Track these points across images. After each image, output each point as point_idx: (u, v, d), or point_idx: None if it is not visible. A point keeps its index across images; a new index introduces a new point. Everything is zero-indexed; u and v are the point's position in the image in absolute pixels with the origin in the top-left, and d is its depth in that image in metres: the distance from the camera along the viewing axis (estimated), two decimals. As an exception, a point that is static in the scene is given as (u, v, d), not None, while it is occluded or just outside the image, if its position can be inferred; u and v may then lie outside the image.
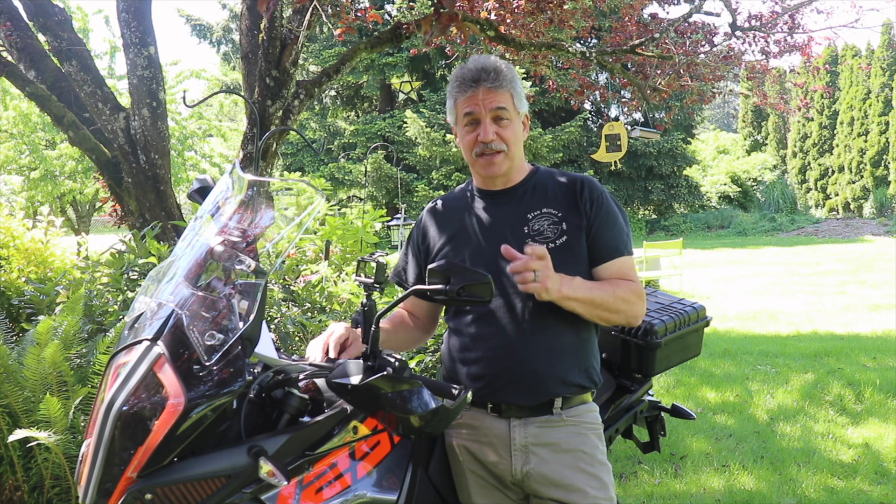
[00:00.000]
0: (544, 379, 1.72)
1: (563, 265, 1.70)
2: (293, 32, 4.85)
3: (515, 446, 1.74)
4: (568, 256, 1.73)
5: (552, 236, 1.75)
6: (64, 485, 2.53)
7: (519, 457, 1.74)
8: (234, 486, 1.36)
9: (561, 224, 1.75)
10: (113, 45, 12.67)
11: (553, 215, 1.77)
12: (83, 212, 15.48)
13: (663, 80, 7.30)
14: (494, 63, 1.78)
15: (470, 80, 1.76)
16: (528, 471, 1.73)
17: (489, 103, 1.75)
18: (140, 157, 5.14)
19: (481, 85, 1.75)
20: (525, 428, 1.74)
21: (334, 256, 4.72)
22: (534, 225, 1.77)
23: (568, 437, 1.75)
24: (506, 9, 5.78)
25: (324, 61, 21.33)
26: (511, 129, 1.78)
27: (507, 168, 1.81)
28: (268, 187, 3.93)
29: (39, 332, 2.45)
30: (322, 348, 1.71)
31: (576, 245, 1.75)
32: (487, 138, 1.76)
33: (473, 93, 1.76)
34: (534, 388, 1.73)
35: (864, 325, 7.95)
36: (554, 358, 1.73)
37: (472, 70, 1.77)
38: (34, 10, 5.33)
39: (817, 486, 3.52)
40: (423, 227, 1.95)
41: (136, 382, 1.36)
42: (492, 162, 1.78)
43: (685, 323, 2.33)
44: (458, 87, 1.79)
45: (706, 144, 34.23)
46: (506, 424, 1.75)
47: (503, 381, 1.74)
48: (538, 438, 1.74)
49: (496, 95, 1.75)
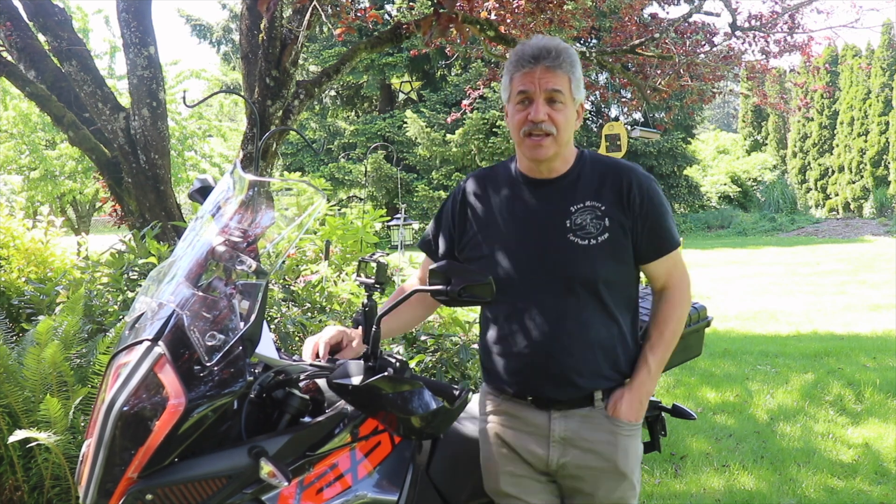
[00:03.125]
0: (580, 374, 1.72)
1: (602, 263, 1.70)
2: (293, 32, 4.85)
3: (554, 438, 1.74)
4: (609, 255, 1.71)
5: (594, 232, 1.70)
6: (64, 485, 2.52)
7: (557, 448, 1.74)
8: (235, 486, 1.36)
9: (604, 220, 1.71)
10: (113, 45, 12.66)
11: (597, 209, 1.72)
12: (83, 212, 15.47)
13: (663, 80, 7.30)
14: (557, 44, 1.71)
15: (529, 56, 1.69)
16: (565, 462, 1.74)
17: (545, 83, 1.68)
18: (140, 157, 5.14)
19: (540, 63, 1.68)
20: (565, 421, 1.74)
21: (334, 256, 4.72)
22: (576, 219, 1.72)
23: (606, 437, 1.74)
24: (506, 9, 5.78)
25: (324, 61, 21.33)
26: (564, 113, 1.71)
27: (554, 153, 1.73)
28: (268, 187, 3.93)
29: (39, 332, 2.45)
30: (312, 349, 1.70)
31: (617, 243, 1.71)
32: (538, 118, 1.68)
33: (531, 70, 1.69)
34: (570, 383, 1.72)
35: (864, 325, 7.95)
36: (590, 353, 1.72)
37: (533, 47, 1.70)
38: (34, 10, 5.33)
39: (817, 486, 3.52)
40: (462, 202, 1.87)
41: (137, 383, 1.36)
42: (540, 144, 1.70)
43: (686, 323, 2.33)
44: (516, 63, 1.71)
45: (706, 144, 34.21)
46: (546, 416, 1.74)
47: (540, 376, 1.73)
48: (577, 433, 1.74)
49: (554, 76, 1.68)
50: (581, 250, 1.69)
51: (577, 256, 1.69)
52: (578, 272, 1.69)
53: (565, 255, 1.70)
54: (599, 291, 1.71)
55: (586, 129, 25.21)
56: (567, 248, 1.70)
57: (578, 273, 1.70)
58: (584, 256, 1.69)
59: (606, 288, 1.72)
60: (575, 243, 1.70)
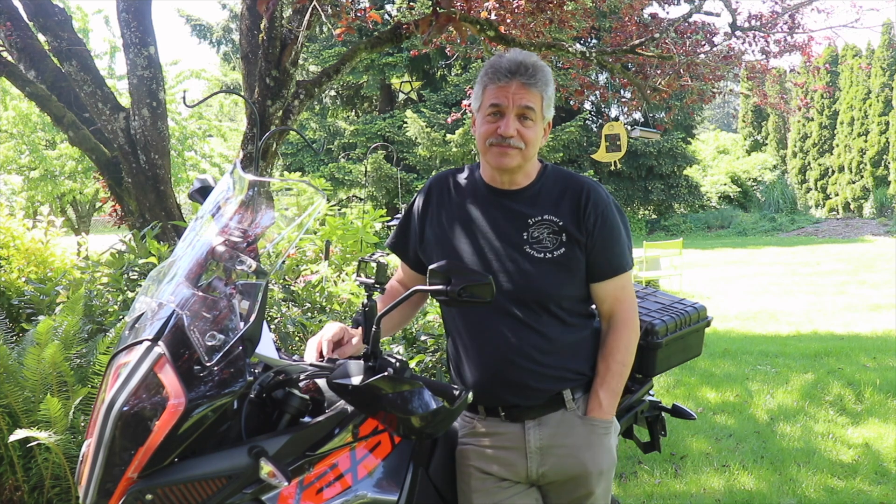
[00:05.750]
0: (542, 378, 1.73)
1: (556, 279, 1.72)
2: (293, 32, 4.85)
3: (531, 449, 1.74)
4: (563, 270, 1.73)
5: (550, 247, 1.73)
6: (64, 485, 2.52)
7: (535, 459, 1.74)
8: (235, 486, 1.36)
9: (560, 235, 1.73)
10: (113, 45, 12.67)
11: (554, 224, 1.74)
12: (83, 212, 15.47)
13: (663, 80, 7.30)
14: (534, 61, 1.72)
15: (506, 70, 1.70)
16: (544, 472, 1.75)
17: (519, 99, 1.70)
18: (140, 157, 5.14)
19: (516, 78, 1.69)
20: (539, 429, 1.75)
21: (334, 256, 4.72)
22: (533, 232, 1.74)
23: (583, 439, 1.75)
24: (506, 9, 5.78)
25: (324, 61, 21.31)
26: (534, 130, 1.73)
27: (518, 165, 1.74)
28: (268, 187, 3.94)
29: (39, 332, 2.45)
30: (316, 348, 1.71)
31: (572, 259, 1.74)
32: (508, 133, 1.70)
33: (506, 84, 1.70)
34: (534, 388, 1.73)
35: (864, 325, 7.95)
36: (550, 357, 1.73)
37: (511, 62, 1.71)
38: (34, 10, 5.33)
39: (817, 486, 3.52)
40: (425, 203, 1.89)
41: (137, 383, 1.36)
42: (506, 152, 1.71)
43: (686, 323, 2.33)
44: (492, 75, 1.72)
45: (706, 144, 34.20)
46: (520, 428, 1.75)
47: (504, 385, 1.73)
48: (553, 440, 1.74)
49: (528, 93, 1.70)
50: (536, 263, 1.72)
51: (533, 269, 1.72)
52: (534, 284, 1.72)
53: (520, 267, 1.72)
54: (556, 303, 1.74)
55: (586, 129, 25.18)
56: (523, 259, 1.73)
57: (534, 285, 1.72)
58: (540, 269, 1.72)
59: (562, 300, 1.75)
60: (531, 255, 1.72)
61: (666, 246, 12.10)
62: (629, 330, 1.80)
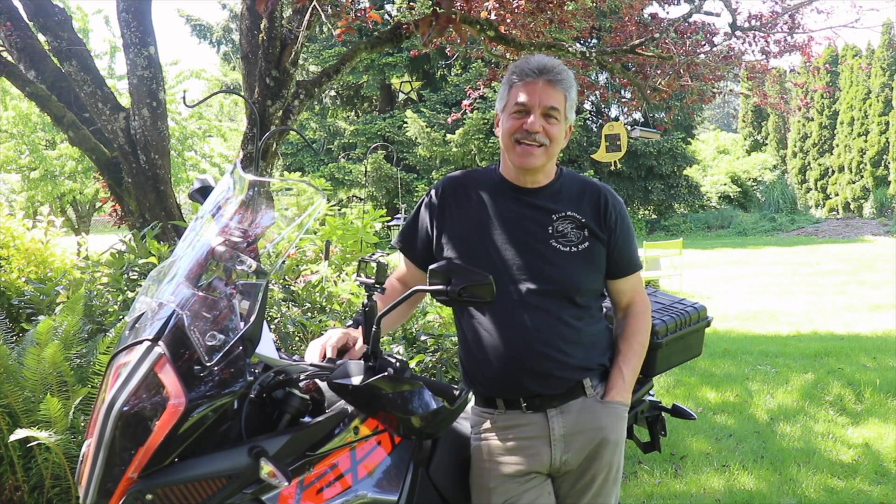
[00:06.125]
0: (565, 367, 1.76)
1: (581, 271, 1.78)
2: (293, 32, 4.85)
3: (555, 437, 1.76)
4: (588, 263, 1.80)
5: (575, 240, 1.79)
6: (64, 485, 2.52)
7: (559, 446, 1.76)
8: (235, 486, 1.36)
9: (583, 230, 1.80)
10: (113, 45, 12.66)
11: (577, 220, 1.81)
12: (83, 212, 15.47)
13: (663, 80, 7.30)
14: (559, 63, 1.80)
15: (533, 70, 1.77)
16: (567, 458, 1.77)
17: (545, 98, 1.76)
18: (140, 157, 5.14)
19: (542, 77, 1.76)
20: (562, 417, 1.77)
21: (334, 256, 4.72)
22: (558, 226, 1.80)
23: (604, 416, 1.79)
24: (506, 9, 5.78)
25: (324, 61, 21.32)
26: (557, 128, 1.79)
27: (542, 164, 1.80)
28: (268, 187, 3.94)
29: (39, 332, 2.45)
30: (319, 353, 1.71)
31: (595, 254, 1.81)
32: (534, 128, 1.75)
33: (533, 82, 1.76)
34: (557, 377, 1.76)
35: (864, 325, 7.95)
36: (573, 346, 1.77)
37: (537, 62, 1.78)
38: (34, 10, 5.33)
39: (817, 486, 3.52)
40: (441, 203, 1.89)
41: (137, 383, 1.36)
42: (530, 152, 1.77)
43: (686, 323, 2.33)
44: (519, 75, 1.79)
45: (706, 144, 34.20)
46: (542, 417, 1.77)
47: (528, 374, 1.75)
48: (577, 426, 1.77)
49: (553, 93, 1.77)
50: (562, 256, 1.78)
51: (559, 261, 1.77)
52: (560, 276, 1.77)
53: (547, 260, 1.77)
54: (580, 295, 1.79)
55: (586, 129, 25.20)
56: (549, 252, 1.78)
57: (560, 277, 1.77)
58: (566, 262, 1.77)
59: (585, 293, 1.81)
60: (557, 249, 1.78)
61: (666, 246, 12.11)
62: (647, 316, 1.93)
